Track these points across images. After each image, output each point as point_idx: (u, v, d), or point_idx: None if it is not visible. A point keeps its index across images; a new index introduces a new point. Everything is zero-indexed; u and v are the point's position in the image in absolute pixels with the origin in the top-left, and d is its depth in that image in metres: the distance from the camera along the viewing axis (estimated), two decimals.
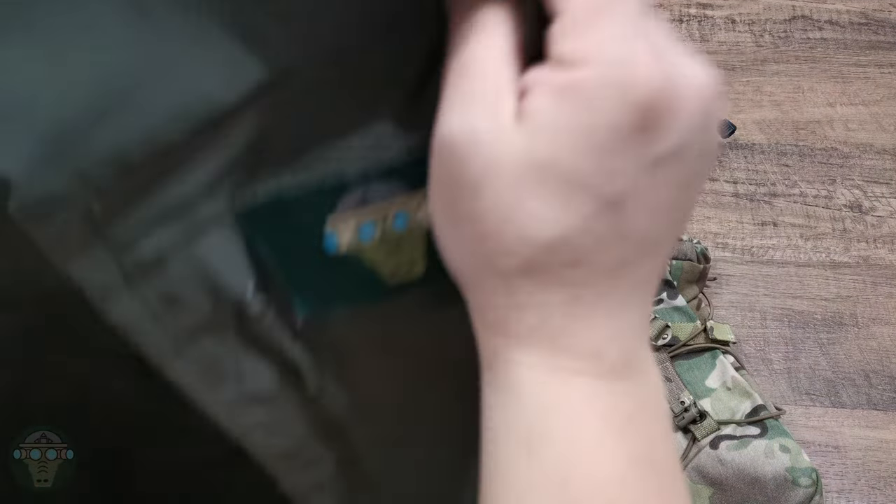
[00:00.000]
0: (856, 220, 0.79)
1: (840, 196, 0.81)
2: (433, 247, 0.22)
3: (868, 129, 0.87)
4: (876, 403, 0.66)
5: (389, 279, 0.23)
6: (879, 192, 0.81)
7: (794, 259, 0.76)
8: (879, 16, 1.00)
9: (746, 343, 0.70)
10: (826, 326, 0.71)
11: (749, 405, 0.59)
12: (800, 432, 0.65)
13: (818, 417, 0.65)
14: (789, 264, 0.76)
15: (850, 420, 0.65)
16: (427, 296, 0.24)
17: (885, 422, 0.65)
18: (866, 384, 0.67)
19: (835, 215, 0.79)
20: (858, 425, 0.65)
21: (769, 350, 0.69)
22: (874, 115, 0.88)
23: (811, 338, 0.70)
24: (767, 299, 0.73)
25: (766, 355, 0.69)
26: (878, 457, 0.63)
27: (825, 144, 0.86)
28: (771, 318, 0.72)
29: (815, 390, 0.67)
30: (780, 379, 0.68)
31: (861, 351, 0.69)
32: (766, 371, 0.68)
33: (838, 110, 0.89)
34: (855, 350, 0.69)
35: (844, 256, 0.76)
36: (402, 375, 0.26)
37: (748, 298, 0.73)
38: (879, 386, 0.67)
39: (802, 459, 0.55)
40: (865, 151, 0.85)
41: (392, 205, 0.22)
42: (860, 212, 0.80)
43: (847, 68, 0.94)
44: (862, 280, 0.74)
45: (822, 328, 0.71)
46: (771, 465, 0.55)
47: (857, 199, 0.81)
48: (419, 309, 0.24)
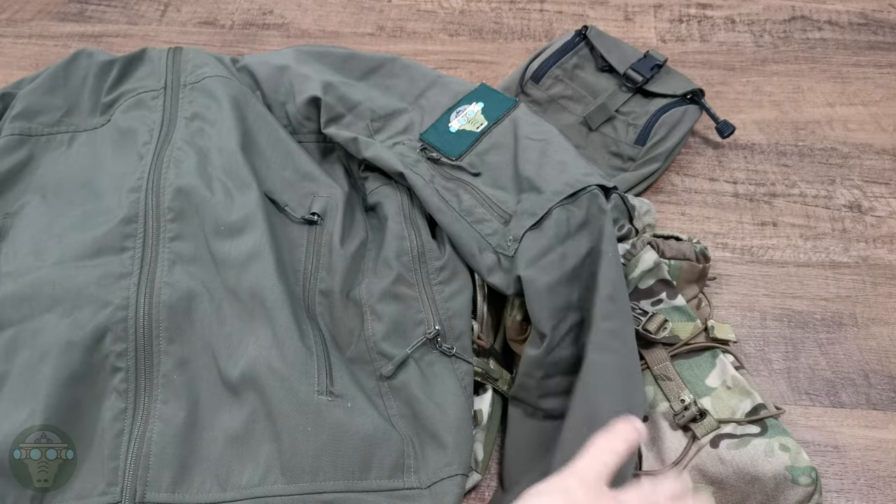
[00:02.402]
0: (855, 220, 0.79)
1: (839, 196, 0.81)
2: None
3: (867, 130, 0.87)
4: (875, 403, 0.66)
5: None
6: (879, 193, 0.81)
7: (793, 259, 0.76)
8: (879, 16, 1.00)
9: (746, 343, 0.70)
10: (826, 326, 0.71)
11: (749, 404, 0.59)
12: (799, 432, 0.65)
13: (818, 417, 0.66)
14: (789, 264, 0.76)
15: (850, 420, 0.65)
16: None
17: (885, 421, 0.65)
18: (866, 384, 0.67)
19: (834, 215, 0.80)
20: (858, 425, 0.65)
21: (769, 350, 0.70)
22: (873, 116, 0.89)
23: (811, 338, 0.70)
24: (767, 299, 0.73)
25: (765, 355, 0.69)
26: (877, 456, 0.63)
27: (825, 144, 0.86)
28: (771, 318, 0.72)
29: (815, 390, 0.67)
30: (779, 379, 0.68)
31: (860, 351, 0.69)
32: (766, 371, 0.68)
33: (838, 110, 0.89)
34: (854, 350, 0.69)
35: (844, 256, 0.76)
36: None
37: (748, 298, 0.73)
38: (879, 386, 0.67)
39: (802, 458, 0.55)
40: (865, 151, 0.85)
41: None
42: (860, 212, 0.80)
43: (846, 68, 0.94)
44: (861, 280, 0.74)
45: (822, 328, 0.71)
46: (771, 463, 0.55)
47: (857, 199, 0.81)
48: None
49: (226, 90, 0.75)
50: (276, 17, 1.05)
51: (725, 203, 0.81)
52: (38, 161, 0.74)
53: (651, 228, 0.71)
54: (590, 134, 0.83)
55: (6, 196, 0.71)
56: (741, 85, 0.93)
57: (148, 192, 0.67)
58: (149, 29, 1.04)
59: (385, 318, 0.63)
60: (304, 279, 0.65)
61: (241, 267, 0.62)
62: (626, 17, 1.02)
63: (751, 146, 0.86)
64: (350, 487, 0.54)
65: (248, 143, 0.72)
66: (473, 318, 0.65)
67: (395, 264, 0.65)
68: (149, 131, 0.73)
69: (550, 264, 0.60)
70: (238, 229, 0.64)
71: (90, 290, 0.62)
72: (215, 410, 0.58)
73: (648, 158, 0.80)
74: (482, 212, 0.65)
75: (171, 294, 0.62)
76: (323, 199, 0.70)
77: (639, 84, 0.83)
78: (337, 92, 0.76)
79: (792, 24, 1.00)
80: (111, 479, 0.56)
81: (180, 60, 0.80)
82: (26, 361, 0.59)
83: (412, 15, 1.04)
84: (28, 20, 1.06)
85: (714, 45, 0.98)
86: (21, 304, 0.61)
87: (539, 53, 0.87)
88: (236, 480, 0.55)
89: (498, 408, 0.64)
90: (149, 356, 0.60)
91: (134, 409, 0.58)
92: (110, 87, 0.79)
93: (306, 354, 0.58)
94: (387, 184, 0.72)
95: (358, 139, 0.73)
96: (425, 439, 0.57)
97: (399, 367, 0.61)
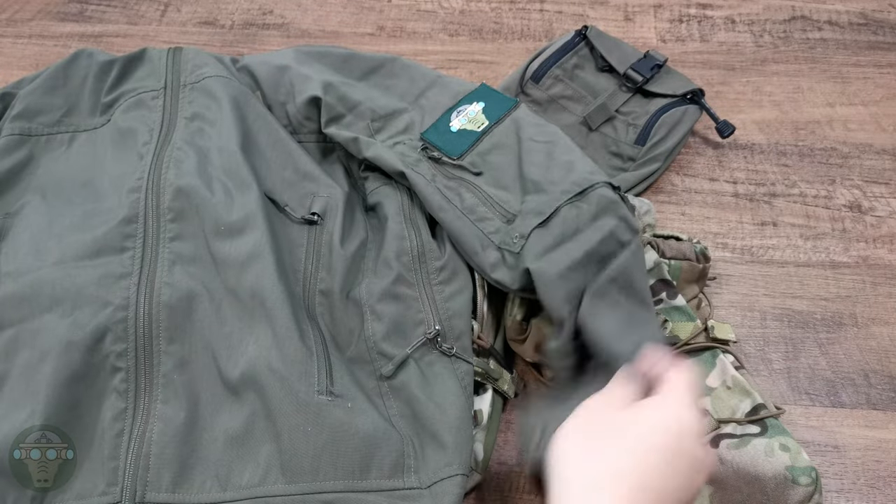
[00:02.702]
0: (855, 220, 0.79)
1: (839, 196, 0.81)
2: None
3: (867, 130, 0.87)
4: (875, 403, 0.66)
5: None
6: (879, 192, 0.81)
7: (793, 259, 0.76)
8: (879, 16, 1.00)
9: (746, 343, 0.70)
10: (826, 326, 0.71)
11: (749, 404, 0.59)
12: (799, 432, 0.65)
13: (818, 417, 0.66)
14: (789, 264, 0.76)
15: (850, 420, 0.65)
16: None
17: (885, 421, 0.65)
18: (866, 384, 0.67)
19: (834, 215, 0.80)
20: (858, 425, 0.65)
21: (769, 350, 0.70)
22: (873, 116, 0.89)
23: (811, 337, 0.70)
24: (767, 299, 0.73)
25: (765, 355, 0.69)
26: (877, 456, 0.63)
27: (825, 144, 0.86)
28: (771, 318, 0.72)
29: (815, 390, 0.67)
30: (779, 379, 0.68)
31: (860, 351, 0.69)
32: (766, 371, 0.68)
33: (838, 110, 0.89)
34: (854, 350, 0.69)
35: (844, 256, 0.76)
36: None
37: (748, 298, 0.73)
38: (879, 386, 0.67)
39: (802, 458, 0.55)
40: (865, 151, 0.85)
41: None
42: (860, 212, 0.80)
43: (846, 68, 0.94)
44: (861, 280, 0.74)
45: (822, 328, 0.71)
46: (771, 463, 0.55)
47: (857, 199, 0.81)
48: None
49: (226, 90, 0.75)
50: (276, 17, 1.05)
51: (725, 203, 0.81)
52: (38, 161, 0.74)
53: (651, 228, 0.71)
54: (590, 134, 0.83)
55: (6, 196, 0.71)
56: (741, 85, 0.93)
57: (148, 193, 0.67)
58: (149, 29, 1.04)
59: (385, 318, 0.63)
60: (304, 279, 0.65)
61: (241, 267, 0.62)
62: (626, 17, 1.02)
63: (751, 146, 0.86)
64: (350, 487, 0.54)
65: (248, 143, 0.72)
66: (473, 318, 0.65)
67: (395, 264, 0.65)
68: (149, 131, 0.73)
69: (561, 255, 0.60)
70: (238, 229, 0.64)
71: (90, 290, 0.62)
72: (215, 410, 0.58)
73: (648, 158, 0.80)
74: (484, 210, 0.65)
75: (171, 294, 0.62)
76: (323, 199, 0.70)
77: (639, 84, 0.83)
78: (337, 92, 0.76)
79: (792, 24, 1.00)
80: (111, 479, 0.56)
81: (180, 60, 0.80)
82: (26, 361, 0.59)
83: (412, 15, 1.04)
84: (28, 20, 1.06)
85: (714, 45, 0.98)
86: (21, 304, 0.61)
87: (539, 53, 0.87)
88: (236, 480, 0.55)
89: (498, 408, 0.64)
90: (149, 356, 0.60)
91: (134, 409, 0.58)
92: (110, 87, 0.79)
93: (306, 354, 0.58)
94: (387, 184, 0.72)
95: (359, 139, 0.73)
96: (425, 439, 0.57)
97: (399, 367, 0.61)
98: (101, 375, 0.59)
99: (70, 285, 0.62)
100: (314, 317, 0.63)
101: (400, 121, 0.74)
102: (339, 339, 0.63)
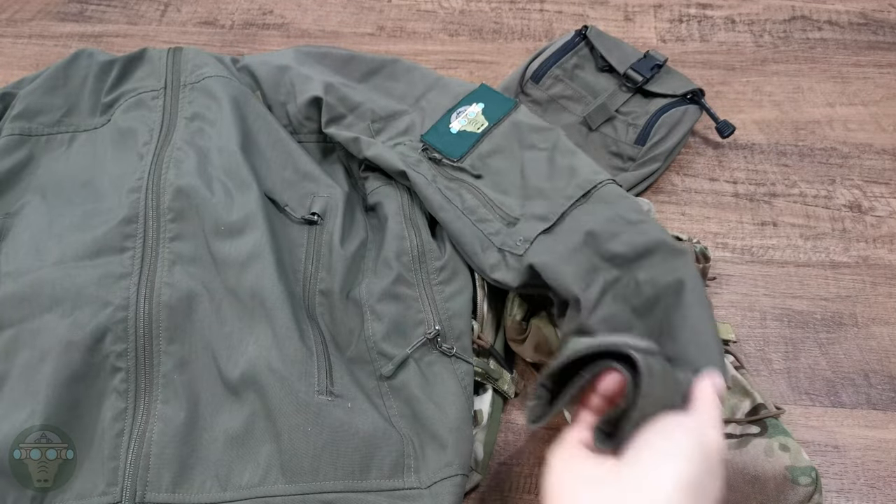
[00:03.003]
0: (855, 220, 0.79)
1: (840, 196, 0.81)
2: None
3: (867, 130, 0.87)
4: (875, 403, 0.66)
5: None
6: (879, 192, 0.81)
7: (793, 259, 0.76)
8: (879, 16, 1.00)
9: (746, 343, 0.70)
10: (826, 326, 0.71)
11: (749, 404, 0.59)
12: (799, 432, 0.65)
13: (818, 417, 0.66)
14: (789, 264, 0.76)
15: (850, 420, 0.65)
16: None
17: (885, 421, 0.65)
18: (866, 384, 0.67)
19: (834, 215, 0.80)
20: (858, 425, 0.65)
21: (769, 350, 0.70)
22: (873, 116, 0.89)
23: (811, 338, 0.70)
24: (767, 299, 0.73)
25: (765, 355, 0.69)
26: (877, 456, 0.63)
27: (825, 144, 0.86)
28: (771, 318, 0.72)
29: (815, 390, 0.67)
30: (779, 378, 0.68)
31: (860, 351, 0.69)
32: (766, 371, 0.68)
33: (838, 110, 0.89)
34: (854, 350, 0.69)
35: (844, 256, 0.76)
36: None
37: (748, 298, 0.73)
38: (879, 386, 0.67)
39: (802, 458, 0.55)
40: (865, 151, 0.85)
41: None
42: (860, 212, 0.80)
43: (846, 68, 0.94)
44: (861, 280, 0.74)
45: (822, 328, 0.71)
46: (771, 463, 0.55)
47: (857, 199, 0.81)
48: None
49: (226, 90, 0.75)
50: (276, 17, 1.05)
51: (725, 203, 0.81)
52: (38, 161, 0.74)
53: None
54: (590, 134, 0.83)
55: (6, 196, 0.72)
56: (741, 85, 0.93)
57: (148, 193, 0.67)
58: (149, 29, 1.04)
59: (385, 318, 0.63)
60: (304, 279, 0.65)
61: (241, 267, 0.62)
62: (626, 17, 1.02)
63: (751, 146, 0.86)
64: (350, 487, 0.54)
65: (248, 144, 0.72)
66: (473, 318, 0.65)
67: (395, 264, 0.65)
68: (149, 131, 0.73)
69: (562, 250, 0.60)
70: (238, 229, 0.64)
71: (90, 290, 0.62)
72: (215, 410, 0.58)
73: (648, 158, 0.80)
74: (485, 212, 0.66)
75: (171, 294, 0.62)
76: (323, 199, 0.70)
77: (639, 84, 0.83)
78: (338, 93, 0.76)
79: (792, 24, 1.00)
80: (111, 479, 0.56)
81: (180, 60, 0.80)
82: (26, 361, 0.59)
83: (412, 15, 1.04)
84: (28, 20, 1.06)
85: (714, 45, 0.98)
86: (21, 304, 0.61)
87: (539, 53, 0.87)
88: (236, 480, 0.55)
89: (498, 408, 0.64)
90: (149, 356, 0.60)
91: (134, 409, 0.58)
92: (110, 88, 0.79)
93: (306, 354, 0.58)
94: (387, 184, 0.72)
95: (359, 139, 0.73)
96: (425, 439, 0.57)
97: (399, 367, 0.61)
98: (101, 375, 0.59)
99: (70, 285, 0.62)
100: (314, 317, 0.63)
101: (400, 122, 0.74)
102: (339, 339, 0.63)
